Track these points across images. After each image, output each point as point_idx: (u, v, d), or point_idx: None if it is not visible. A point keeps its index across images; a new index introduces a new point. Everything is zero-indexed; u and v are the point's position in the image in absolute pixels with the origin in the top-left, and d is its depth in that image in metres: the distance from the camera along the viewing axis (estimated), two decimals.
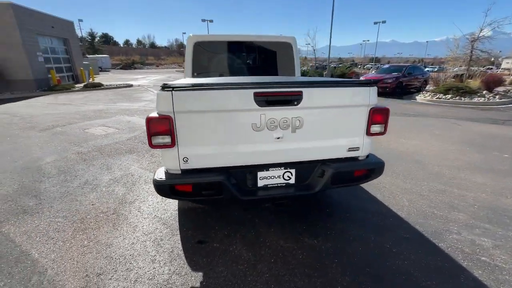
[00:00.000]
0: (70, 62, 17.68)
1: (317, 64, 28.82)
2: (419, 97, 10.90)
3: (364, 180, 2.11)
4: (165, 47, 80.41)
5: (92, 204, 2.74)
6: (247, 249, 2.08)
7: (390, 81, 11.71)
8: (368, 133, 1.99)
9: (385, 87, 11.53)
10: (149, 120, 1.67)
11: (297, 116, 1.84)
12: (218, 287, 1.72)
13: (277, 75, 3.49)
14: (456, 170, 3.59)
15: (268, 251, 2.05)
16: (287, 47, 3.47)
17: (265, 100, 1.74)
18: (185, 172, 1.82)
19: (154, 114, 1.69)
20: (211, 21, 37.50)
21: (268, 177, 1.96)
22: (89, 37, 46.52)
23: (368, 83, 1.92)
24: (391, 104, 9.37)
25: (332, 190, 2.98)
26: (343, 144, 2.00)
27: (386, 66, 15.71)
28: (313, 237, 2.21)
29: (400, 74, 12.17)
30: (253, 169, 1.91)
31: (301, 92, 1.78)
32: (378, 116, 1.97)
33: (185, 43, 3.93)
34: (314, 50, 24.07)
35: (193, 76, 3.38)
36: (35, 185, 3.18)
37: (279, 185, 1.99)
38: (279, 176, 1.97)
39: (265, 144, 1.85)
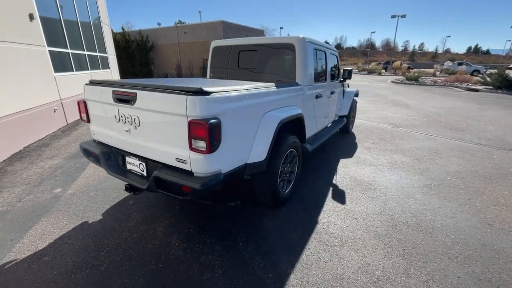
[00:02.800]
0: None
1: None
2: None
3: (195, 198, 1.81)
4: (353, 47, 79.61)
5: None
6: None
7: None
8: (191, 147, 1.73)
9: None
10: (79, 103, 2.53)
11: (135, 114, 2.00)
12: None
13: (276, 78, 3.21)
14: None
15: None
16: (290, 48, 3.07)
17: (117, 97, 2.07)
18: (94, 141, 2.56)
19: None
20: (404, 16, 32.71)
21: (131, 164, 2.26)
22: None
23: (188, 91, 1.67)
24: None
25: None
26: (171, 151, 1.88)
27: None
28: None
29: None
30: (124, 153, 2.30)
31: (135, 93, 1.93)
32: (198, 130, 1.66)
33: (373, 42, 4.33)
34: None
35: (210, 77, 3.89)
36: None
37: (139, 174, 2.24)
38: (136, 166, 2.22)
39: (121, 134, 2.18)
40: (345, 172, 3.69)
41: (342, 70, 4.54)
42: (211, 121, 1.65)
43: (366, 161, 4.12)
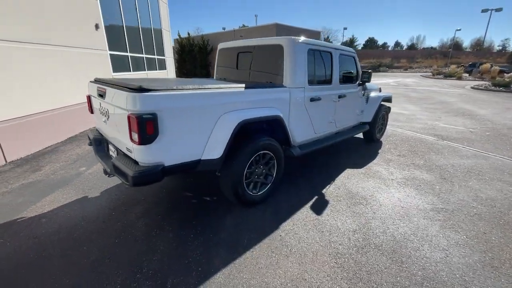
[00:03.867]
0: None
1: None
2: None
3: (132, 185, 1.95)
4: (431, 47, 69.74)
5: None
6: None
7: None
8: (131, 138, 1.91)
9: None
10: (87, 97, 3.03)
11: (106, 107, 2.31)
12: None
13: (267, 78, 3.17)
14: None
15: None
16: (279, 49, 3.00)
17: (98, 92, 2.42)
18: (96, 129, 3.02)
19: None
20: (499, 9, 27.22)
21: (111, 150, 2.60)
22: (346, 44, 53.31)
23: (131, 89, 1.86)
24: None
25: None
26: (123, 141, 2.11)
27: None
28: None
29: None
30: (107, 141, 2.65)
31: (105, 89, 2.23)
32: (133, 123, 1.83)
33: (457, 40, 4.21)
34: None
35: (215, 78, 4.07)
36: None
37: None
38: (113, 152, 2.54)
39: (102, 124, 2.53)
40: (342, 183, 3.39)
41: (361, 73, 4.15)
42: (143, 115, 1.81)
43: (376, 174, 3.68)
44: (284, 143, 3.02)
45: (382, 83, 20.10)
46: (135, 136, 1.85)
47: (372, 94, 4.79)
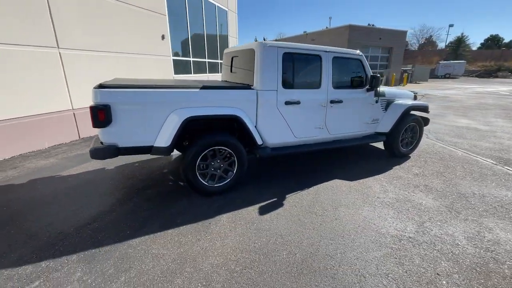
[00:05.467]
0: (387, 68, 19.98)
1: None
2: None
3: (90, 156, 2.57)
4: None
5: None
6: None
7: None
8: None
9: None
10: None
11: None
12: None
13: (245, 81, 3.36)
14: None
15: None
16: (251, 53, 3.14)
17: None
18: None
19: None
20: None
21: None
22: (452, 43, 44.19)
23: (100, 86, 2.44)
24: None
25: None
26: None
27: None
28: None
29: None
30: None
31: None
32: (90, 111, 2.40)
33: None
34: None
35: (221, 79, 4.45)
36: None
37: None
38: None
39: None
40: (316, 192, 3.23)
41: (370, 77, 3.75)
42: (97, 106, 2.38)
43: (366, 189, 3.31)
44: (251, 142, 3.16)
45: (485, 91, 16.06)
46: (91, 121, 2.46)
47: (396, 101, 4.20)
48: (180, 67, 8.86)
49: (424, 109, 4.46)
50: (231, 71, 3.91)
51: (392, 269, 2.01)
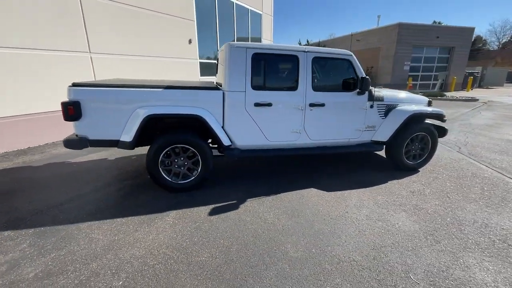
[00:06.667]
0: (446, 70, 17.52)
1: None
2: None
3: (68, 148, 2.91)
4: None
5: None
6: None
7: None
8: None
9: None
10: None
11: None
12: None
13: (219, 81, 3.38)
14: None
15: None
16: (226, 53, 3.14)
17: None
18: None
19: None
20: None
21: None
22: None
23: (73, 85, 2.76)
24: None
25: None
26: None
27: None
28: None
29: None
30: None
31: None
32: (61, 107, 2.72)
33: None
34: None
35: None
36: None
37: None
38: None
39: None
40: (281, 199, 3.06)
41: (360, 79, 3.38)
42: (68, 102, 2.69)
43: (336, 203, 3.00)
44: (217, 142, 3.17)
45: None
46: (63, 115, 2.79)
47: (400, 107, 3.70)
48: (206, 69, 9.32)
49: (439, 116, 3.81)
50: (216, 71, 3.99)
51: None
